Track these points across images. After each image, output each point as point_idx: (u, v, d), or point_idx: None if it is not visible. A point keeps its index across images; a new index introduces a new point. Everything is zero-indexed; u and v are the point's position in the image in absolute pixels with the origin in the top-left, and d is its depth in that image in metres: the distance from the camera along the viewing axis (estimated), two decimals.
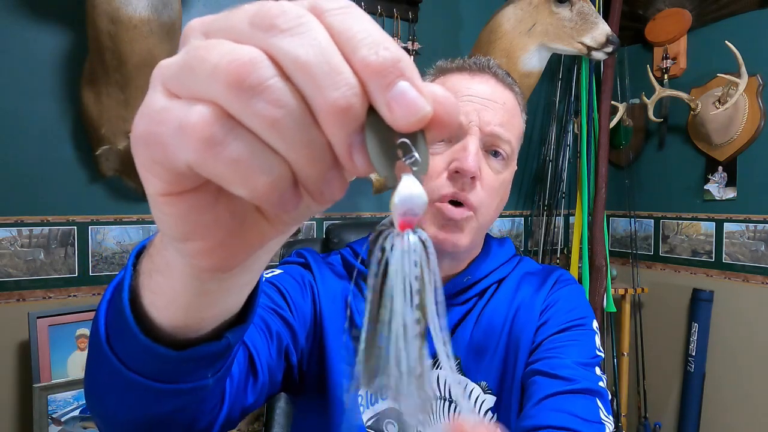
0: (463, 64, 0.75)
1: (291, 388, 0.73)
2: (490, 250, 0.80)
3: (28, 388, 1.42)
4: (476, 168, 0.66)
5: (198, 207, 0.24)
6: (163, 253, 0.29)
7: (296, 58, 0.20)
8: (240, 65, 0.20)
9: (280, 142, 0.20)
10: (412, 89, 0.20)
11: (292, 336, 0.67)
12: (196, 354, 0.34)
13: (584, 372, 0.65)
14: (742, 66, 1.87)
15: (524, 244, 2.40)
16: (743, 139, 2.03)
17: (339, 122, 0.20)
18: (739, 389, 2.06)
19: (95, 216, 1.57)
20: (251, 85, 0.20)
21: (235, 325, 0.36)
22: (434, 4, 2.09)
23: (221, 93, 0.20)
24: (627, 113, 2.32)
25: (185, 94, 0.21)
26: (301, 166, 0.21)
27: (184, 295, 0.30)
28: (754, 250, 2.04)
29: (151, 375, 0.35)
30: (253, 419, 1.61)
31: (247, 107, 0.20)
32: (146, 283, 0.32)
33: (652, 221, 2.40)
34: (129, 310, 0.32)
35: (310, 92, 0.20)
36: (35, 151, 1.48)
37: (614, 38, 1.71)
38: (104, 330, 0.35)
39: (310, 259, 0.78)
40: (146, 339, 0.32)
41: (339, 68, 0.20)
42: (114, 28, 1.26)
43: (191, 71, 0.21)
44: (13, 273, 1.46)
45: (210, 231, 0.24)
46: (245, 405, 0.56)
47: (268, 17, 0.20)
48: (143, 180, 0.23)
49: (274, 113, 0.20)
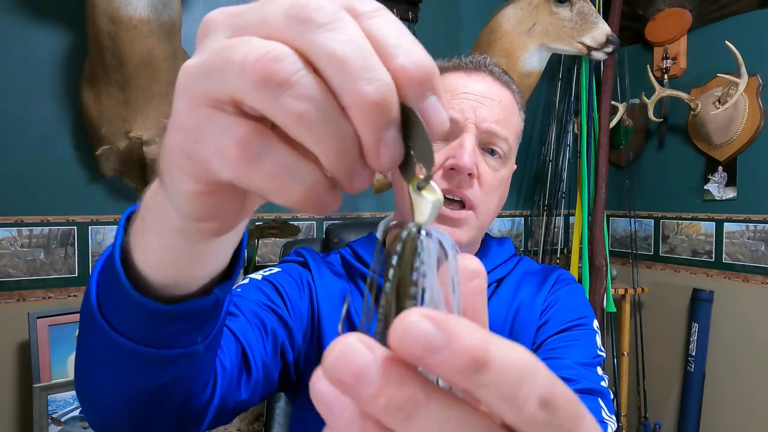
0: (459, 63, 0.75)
1: (288, 387, 0.73)
2: (489, 250, 0.80)
3: (28, 388, 1.42)
4: (472, 165, 0.66)
5: (224, 201, 0.25)
6: (158, 214, 0.30)
7: (332, 52, 0.20)
8: (267, 62, 0.20)
9: (309, 135, 0.21)
10: (440, 105, 0.21)
11: (289, 334, 0.67)
12: (186, 308, 0.34)
13: (586, 372, 0.65)
14: (742, 66, 1.87)
15: (524, 244, 2.40)
16: (743, 139, 2.03)
17: (371, 117, 0.20)
18: (739, 389, 2.06)
19: (95, 216, 1.57)
20: (279, 81, 0.20)
21: (222, 281, 0.37)
22: (434, 4, 2.09)
23: (250, 92, 0.20)
24: (627, 113, 2.32)
25: (209, 98, 0.22)
26: (331, 159, 0.21)
27: (176, 253, 0.31)
28: (754, 250, 2.04)
29: (143, 339, 0.35)
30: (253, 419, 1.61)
31: (275, 103, 0.20)
32: (138, 242, 0.33)
33: (652, 221, 2.40)
34: (121, 269, 0.33)
35: (343, 86, 0.20)
36: (35, 151, 1.48)
37: (614, 38, 1.71)
38: (95, 299, 0.36)
39: (308, 258, 0.78)
40: (138, 294, 0.33)
41: (374, 65, 0.20)
42: (114, 28, 1.26)
43: (216, 72, 0.21)
44: (13, 273, 1.46)
45: (226, 215, 0.26)
46: (238, 399, 0.56)
47: (306, 11, 0.20)
48: (175, 179, 0.25)
49: (303, 106, 0.20)
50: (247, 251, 1.73)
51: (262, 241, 1.78)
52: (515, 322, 0.73)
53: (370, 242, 0.81)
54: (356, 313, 0.74)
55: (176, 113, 0.23)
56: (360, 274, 0.77)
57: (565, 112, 2.33)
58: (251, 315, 0.62)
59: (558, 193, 2.31)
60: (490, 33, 1.77)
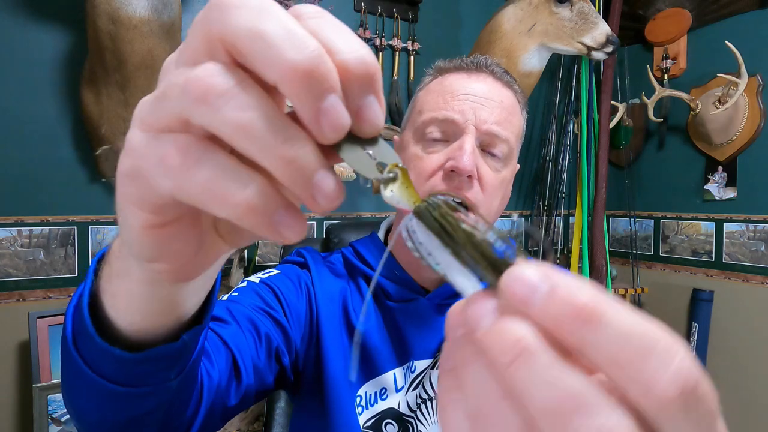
0: (460, 64, 0.75)
1: (287, 387, 0.73)
2: None
3: (28, 388, 1.42)
4: (472, 167, 0.65)
5: (174, 236, 0.25)
6: (123, 261, 0.30)
7: (255, 32, 0.19)
8: (205, 77, 0.20)
9: (255, 148, 0.20)
10: (378, 106, 0.22)
11: (285, 337, 0.67)
12: (152, 355, 0.34)
13: None
14: (742, 66, 1.87)
15: (524, 244, 2.40)
16: (743, 139, 2.03)
17: (303, 86, 0.19)
18: (739, 389, 2.06)
19: (95, 216, 1.57)
20: (218, 93, 0.20)
21: (192, 326, 0.37)
22: (434, 4, 2.09)
23: (192, 110, 0.20)
24: (627, 113, 2.32)
25: (161, 124, 0.22)
26: (281, 171, 0.20)
27: (141, 300, 0.31)
28: (754, 250, 2.04)
29: (114, 378, 0.35)
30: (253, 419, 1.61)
31: (217, 116, 0.20)
32: (106, 287, 0.33)
33: (652, 221, 2.40)
34: (87, 314, 0.33)
35: (270, 61, 0.19)
36: (35, 151, 1.48)
37: (614, 38, 1.71)
38: (71, 333, 0.36)
39: (309, 258, 0.78)
40: (102, 341, 0.33)
41: (301, 36, 0.20)
42: (114, 28, 1.26)
43: (164, 98, 0.21)
44: (13, 273, 1.46)
45: (178, 255, 0.25)
46: (227, 406, 0.56)
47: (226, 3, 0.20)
48: (125, 213, 0.24)
49: (244, 115, 0.20)
50: (248, 251, 1.73)
51: (262, 241, 1.78)
52: None
53: (373, 242, 0.81)
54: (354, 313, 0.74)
55: (127, 143, 0.23)
56: (362, 273, 0.77)
57: (565, 112, 2.33)
58: (245, 321, 0.62)
59: (558, 193, 2.31)
60: (490, 33, 1.77)
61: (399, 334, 0.73)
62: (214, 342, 0.56)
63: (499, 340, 0.17)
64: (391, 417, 0.69)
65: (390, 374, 0.71)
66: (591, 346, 0.16)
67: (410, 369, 0.71)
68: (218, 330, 0.58)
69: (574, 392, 0.16)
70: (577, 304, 0.16)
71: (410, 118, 0.76)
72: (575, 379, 0.16)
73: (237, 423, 1.53)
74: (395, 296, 0.74)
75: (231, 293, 0.68)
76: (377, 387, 0.71)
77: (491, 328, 0.17)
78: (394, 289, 0.74)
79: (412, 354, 0.72)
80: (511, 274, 0.18)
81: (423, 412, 0.70)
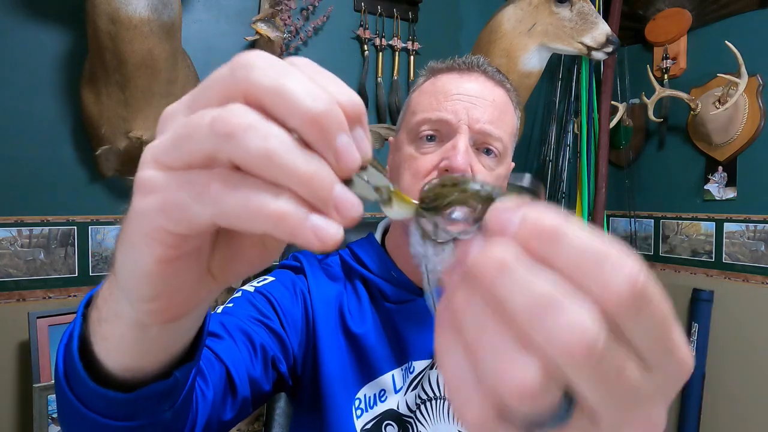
0: (452, 64, 0.75)
1: (286, 391, 0.74)
2: None
3: (28, 388, 1.42)
4: (466, 166, 0.66)
5: (178, 272, 0.27)
6: (111, 305, 0.31)
7: (275, 87, 0.23)
8: (230, 116, 0.23)
9: (279, 172, 0.23)
10: (366, 137, 0.25)
11: (281, 345, 0.67)
12: (144, 394, 0.35)
13: None
14: (742, 66, 1.87)
15: None
16: (743, 139, 2.03)
17: (322, 127, 0.23)
18: (739, 389, 2.06)
19: (95, 216, 1.57)
20: (244, 127, 0.22)
21: (184, 362, 0.37)
22: (434, 4, 2.09)
23: (221, 144, 0.23)
24: (627, 113, 2.32)
25: (186, 161, 0.24)
26: (305, 190, 0.23)
27: (132, 342, 0.32)
28: (754, 250, 2.04)
29: (108, 414, 0.36)
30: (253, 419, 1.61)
31: (244, 149, 0.22)
32: (96, 330, 0.34)
33: (652, 221, 2.40)
34: (78, 358, 0.34)
35: (291, 110, 0.23)
36: (35, 151, 1.48)
37: (614, 38, 1.71)
38: (63, 371, 0.36)
39: (304, 262, 0.78)
40: (95, 385, 0.34)
41: (314, 89, 0.23)
42: (114, 28, 1.26)
43: (188, 138, 0.24)
44: (13, 273, 1.46)
45: (175, 293, 0.28)
46: (223, 420, 0.56)
47: (244, 61, 0.24)
48: (139, 250, 0.26)
49: (267, 145, 0.22)
50: None
51: None
52: None
53: (370, 243, 0.81)
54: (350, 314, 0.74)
55: (147, 179, 0.25)
56: (359, 275, 0.77)
57: (565, 112, 2.33)
58: (239, 333, 0.62)
59: (558, 193, 2.31)
60: (490, 33, 1.77)
61: (397, 335, 0.73)
62: (208, 358, 0.57)
63: (486, 261, 0.21)
64: (390, 418, 0.69)
65: (388, 375, 0.71)
66: (558, 257, 0.20)
67: (409, 370, 0.71)
68: (212, 345, 0.59)
69: (548, 293, 0.19)
70: (544, 227, 0.20)
71: (404, 119, 0.77)
72: (548, 283, 0.19)
73: None
74: (392, 297, 0.74)
75: (226, 304, 0.68)
76: (376, 389, 0.71)
77: (479, 254, 0.21)
78: (391, 291, 0.75)
79: (410, 355, 0.72)
80: (493, 208, 0.22)
81: (422, 413, 0.70)
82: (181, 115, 0.25)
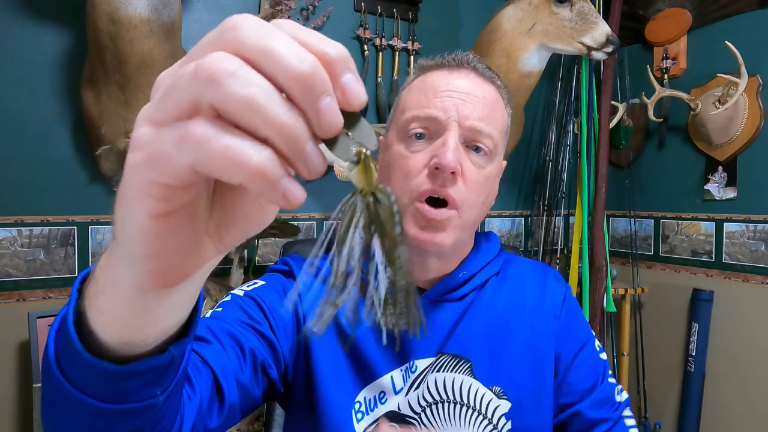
0: (442, 62, 0.75)
1: (277, 398, 0.73)
2: (480, 246, 0.80)
3: (28, 388, 1.42)
4: (455, 163, 0.65)
5: (174, 230, 0.27)
6: (108, 273, 0.32)
7: (264, 47, 0.24)
8: (213, 62, 0.23)
9: (259, 119, 0.23)
10: (357, 81, 0.26)
11: (271, 350, 0.67)
12: (139, 367, 0.34)
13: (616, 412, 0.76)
14: (742, 66, 1.87)
15: (524, 244, 2.40)
16: (743, 139, 2.03)
17: (308, 87, 0.24)
18: (739, 389, 2.06)
19: (95, 216, 1.57)
20: (227, 73, 0.23)
21: (179, 339, 0.37)
22: (434, 4, 2.09)
23: (203, 90, 0.23)
24: (627, 113, 2.32)
25: (171, 113, 0.25)
26: (281, 138, 0.24)
27: (128, 312, 0.32)
28: (754, 250, 2.04)
29: (100, 396, 0.35)
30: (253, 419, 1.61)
31: (226, 94, 0.23)
32: (92, 304, 0.33)
33: (652, 221, 2.40)
34: (74, 332, 0.33)
35: (278, 68, 0.24)
36: (35, 151, 1.48)
37: (614, 38, 1.71)
38: (54, 354, 0.36)
39: (294, 266, 0.77)
40: (90, 356, 0.33)
41: (300, 50, 0.24)
42: (114, 28, 1.26)
43: (174, 89, 0.25)
44: (13, 273, 1.46)
45: (172, 253, 0.28)
46: (209, 428, 0.55)
47: (232, 22, 0.25)
48: (131, 205, 0.27)
49: (250, 91, 0.23)
50: (248, 251, 1.73)
51: (262, 241, 1.78)
52: (531, 328, 0.74)
53: None
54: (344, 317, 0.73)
55: (138, 137, 0.26)
56: None
57: (565, 112, 2.33)
58: (226, 338, 0.61)
59: (558, 193, 2.31)
60: (490, 33, 1.77)
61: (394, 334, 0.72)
62: (195, 364, 0.56)
63: None
64: (392, 420, 0.69)
65: (387, 377, 0.70)
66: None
67: (410, 369, 0.71)
68: (199, 350, 0.58)
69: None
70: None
71: (394, 117, 0.76)
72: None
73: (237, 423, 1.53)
74: None
75: (214, 308, 0.68)
76: (376, 391, 0.70)
77: None
78: None
79: (411, 353, 0.71)
80: None
81: (428, 416, 0.69)
82: (167, 78, 0.26)
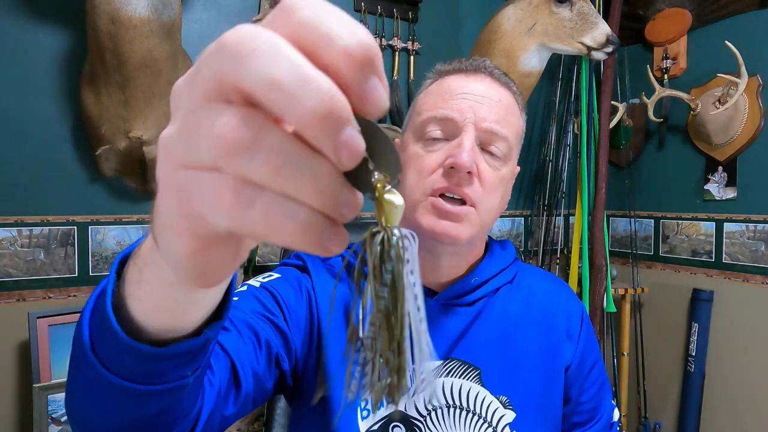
0: (459, 66, 0.75)
1: (286, 392, 0.73)
2: (494, 252, 0.80)
3: (28, 388, 1.42)
4: (471, 163, 0.66)
5: (218, 256, 0.26)
6: (155, 268, 0.31)
7: (265, 81, 0.20)
8: (225, 134, 0.21)
9: (289, 185, 0.21)
10: (381, 87, 0.22)
11: (285, 342, 0.67)
12: (177, 350, 0.35)
13: None
14: (742, 66, 1.87)
15: (524, 244, 2.40)
16: (743, 139, 2.03)
17: (323, 129, 0.21)
18: (739, 389, 2.06)
19: (95, 216, 1.57)
20: (246, 145, 0.21)
21: (213, 321, 0.38)
22: (434, 4, 2.09)
23: (225, 161, 0.21)
24: (627, 113, 2.32)
25: (197, 164, 0.22)
26: (316, 201, 0.22)
27: (173, 303, 0.33)
28: (754, 250, 2.04)
29: (133, 377, 0.36)
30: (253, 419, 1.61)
31: (249, 166, 0.21)
32: (133, 291, 0.33)
33: (652, 221, 2.40)
34: (113, 316, 0.34)
35: (287, 110, 0.20)
36: (35, 151, 1.48)
37: (614, 38, 1.71)
38: (88, 337, 0.36)
39: (308, 261, 0.77)
40: (130, 339, 0.34)
41: (310, 76, 0.20)
42: (114, 28, 1.26)
43: (194, 145, 0.22)
44: (13, 273, 1.46)
45: (220, 267, 0.27)
46: (226, 414, 0.56)
47: (227, 44, 0.21)
48: (171, 241, 0.25)
49: (277, 160, 0.21)
50: None
51: None
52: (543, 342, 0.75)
53: None
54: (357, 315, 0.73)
55: (164, 178, 0.24)
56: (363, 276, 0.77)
57: (565, 112, 2.33)
58: (244, 327, 0.62)
59: (558, 193, 2.31)
60: (490, 33, 1.77)
61: None
62: (215, 351, 0.56)
63: None
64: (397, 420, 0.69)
65: None
66: None
67: None
68: (218, 338, 0.58)
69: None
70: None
71: (410, 120, 0.77)
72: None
73: (237, 423, 1.53)
74: None
75: None
76: None
77: None
78: None
79: None
80: None
81: (434, 420, 0.69)
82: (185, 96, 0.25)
